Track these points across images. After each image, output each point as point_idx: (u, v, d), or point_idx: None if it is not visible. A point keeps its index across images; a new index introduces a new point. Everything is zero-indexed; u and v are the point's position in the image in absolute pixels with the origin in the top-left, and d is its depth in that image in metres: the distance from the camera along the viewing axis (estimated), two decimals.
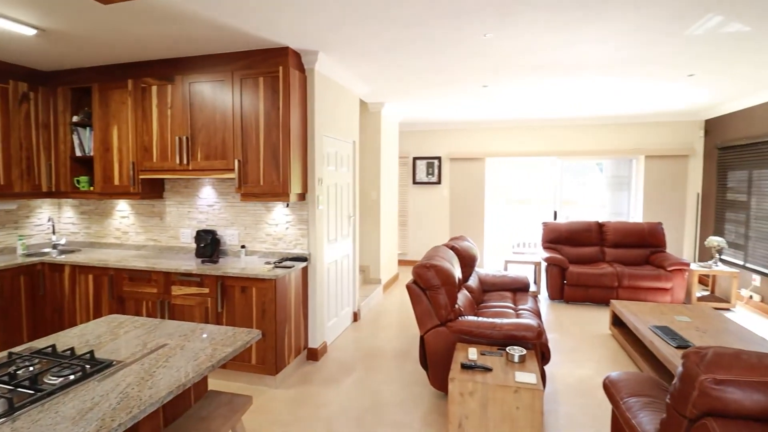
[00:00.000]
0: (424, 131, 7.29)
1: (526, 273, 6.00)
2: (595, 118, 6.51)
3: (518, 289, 4.04)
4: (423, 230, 7.35)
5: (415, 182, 7.28)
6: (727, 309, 4.95)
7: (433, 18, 2.72)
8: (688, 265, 4.80)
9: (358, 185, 4.80)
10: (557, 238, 5.64)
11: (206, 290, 3.13)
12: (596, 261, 5.44)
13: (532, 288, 5.63)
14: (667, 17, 2.74)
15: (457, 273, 3.31)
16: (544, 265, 5.31)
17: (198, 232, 3.58)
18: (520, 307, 3.54)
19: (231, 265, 3.25)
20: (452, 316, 2.84)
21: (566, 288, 5.11)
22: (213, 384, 3.14)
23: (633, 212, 6.70)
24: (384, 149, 5.56)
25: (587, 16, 2.72)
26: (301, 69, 3.40)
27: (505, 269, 5.68)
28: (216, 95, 3.30)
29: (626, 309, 3.80)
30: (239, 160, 3.26)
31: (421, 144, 7.31)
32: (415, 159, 7.27)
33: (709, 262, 5.16)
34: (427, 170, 7.19)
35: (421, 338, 2.91)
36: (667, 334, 3.15)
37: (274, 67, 3.15)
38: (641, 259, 5.34)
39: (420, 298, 2.86)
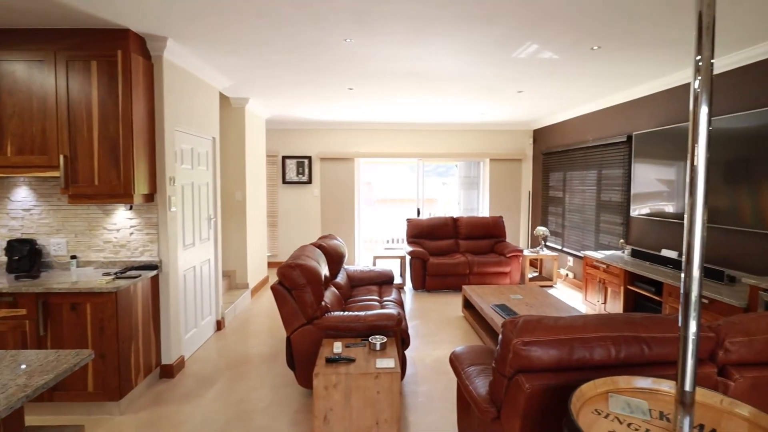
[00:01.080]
0: (293, 130, 7.19)
1: (394, 267, 6.38)
2: (451, 124, 7.24)
3: (384, 282, 4.28)
4: (294, 230, 7.25)
5: (285, 182, 7.13)
6: (551, 286, 6.00)
7: (296, 17, 2.71)
8: (522, 251, 5.67)
9: (220, 185, 4.52)
10: (420, 233, 6.13)
11: (23, 311, 2.60)
12: (452, 252, 6.07)
13: (399, 280, 6.01)
14: (496, 42, 3.19)
15: (324, 271, 3.36)
16: (408, 258, 5.71)
17: (10, 243, 2.96)
18: (385, 298, 3.76)
19: (57, 280, 2.76)
20: (319, 313, 2.88)
21: (428, 278, 5.60)
22: (36, 420, 2.63)
23: (482, 208, 7.64)
24: (250, 147, 5.33)
25: (437, 34, 3.01)
26: (147, 55, 3.06)
27: (374, 264, 5.96)
28: (33, 78, 2.77)
29: (474, 292, 4.33)
30: (66, 156, 2.79)
31: (290, 143, 7.19)
32: (284, 158, 7.13)
33: (537, 248, 6.19)
34: (297, 169, 7.11)
35: (288, 339, 2.88)
36: (504, 311, 3.69)
37: (112, 51, 2.78)
38: (487, 248, 6.13)
39: (285, 299, 2.83)
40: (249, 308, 4.99)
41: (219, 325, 4.21)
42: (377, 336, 2.68)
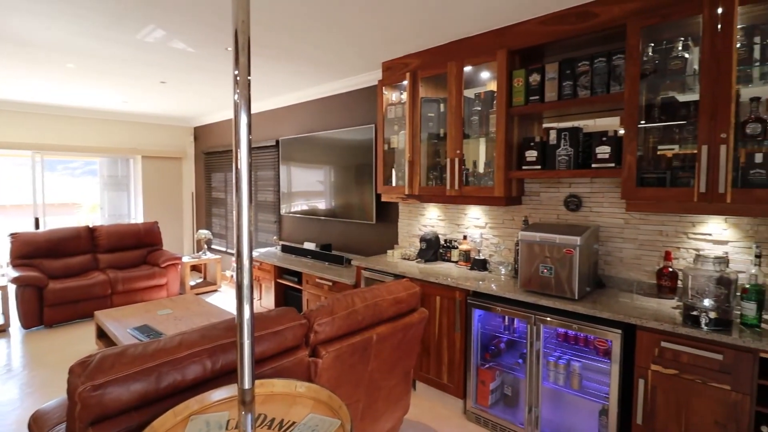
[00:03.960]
0: None
1: None
2: (86, 110, 5.82)
3: None
4: None
5: None
6: (216, 290, 5.81)
7: None
8: (180, 258, 5.20)
9: None
10: (35, 251, 4.60)
11: None
12: (88, 270, 4.88)
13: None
14: (108, 13, 2.62)
15: None
16: (13, 288, 4.17)
17: None
18: None
19: None
20: None
21: (47, 310, 4.25)
22: None
23: (135, 213, 6.59)
24: None
25: None
26: None
27: None
28: None
29: (108, 317, 3.56)
30: None
31: None
32: None
33: (200, 253, 5.87)
34: None
35: None
36: (144, 332, 3.18)
37: None
38: (139, 259, 5.30)
39: None
40: None
41: None
42: None
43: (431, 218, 3.59)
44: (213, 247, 6.45)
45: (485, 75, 3.03)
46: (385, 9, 2.50)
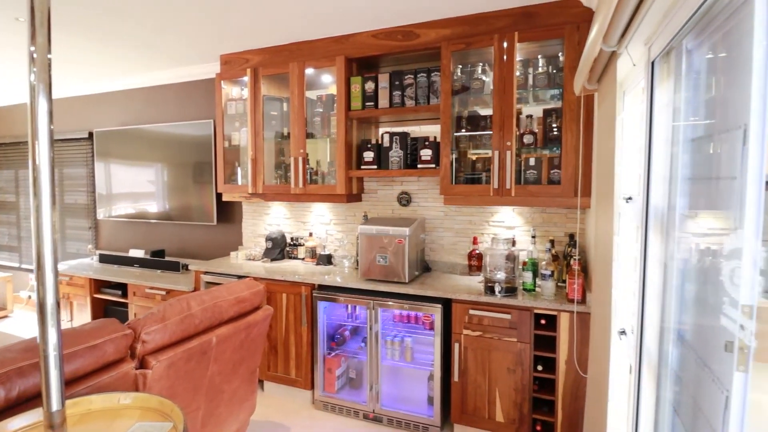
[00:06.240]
0: None
1: None
2: None
3: None
4: None
5: None
6: (6, 316, 4.65)
7: None
8: None
9: None
10: None
11: None
12: None
13: None
14: None
15: None
16: None
17: None
18: None
19: None
20: None
21: None
22: None
23: None
24: None
25: None
26: None
27: None
28: None
29: None
30: None
31: None
32: None
33: None
34: None
35: None
36: None
37: None
38: None
39: None
40: None
41: None
42: None
43: (277, 217, 3.57)
44: (0, 263, 5.14)
45: (326, 79, 3.17)
46: None
